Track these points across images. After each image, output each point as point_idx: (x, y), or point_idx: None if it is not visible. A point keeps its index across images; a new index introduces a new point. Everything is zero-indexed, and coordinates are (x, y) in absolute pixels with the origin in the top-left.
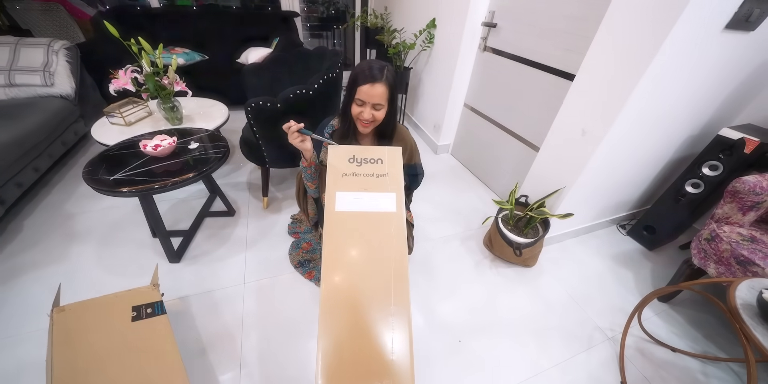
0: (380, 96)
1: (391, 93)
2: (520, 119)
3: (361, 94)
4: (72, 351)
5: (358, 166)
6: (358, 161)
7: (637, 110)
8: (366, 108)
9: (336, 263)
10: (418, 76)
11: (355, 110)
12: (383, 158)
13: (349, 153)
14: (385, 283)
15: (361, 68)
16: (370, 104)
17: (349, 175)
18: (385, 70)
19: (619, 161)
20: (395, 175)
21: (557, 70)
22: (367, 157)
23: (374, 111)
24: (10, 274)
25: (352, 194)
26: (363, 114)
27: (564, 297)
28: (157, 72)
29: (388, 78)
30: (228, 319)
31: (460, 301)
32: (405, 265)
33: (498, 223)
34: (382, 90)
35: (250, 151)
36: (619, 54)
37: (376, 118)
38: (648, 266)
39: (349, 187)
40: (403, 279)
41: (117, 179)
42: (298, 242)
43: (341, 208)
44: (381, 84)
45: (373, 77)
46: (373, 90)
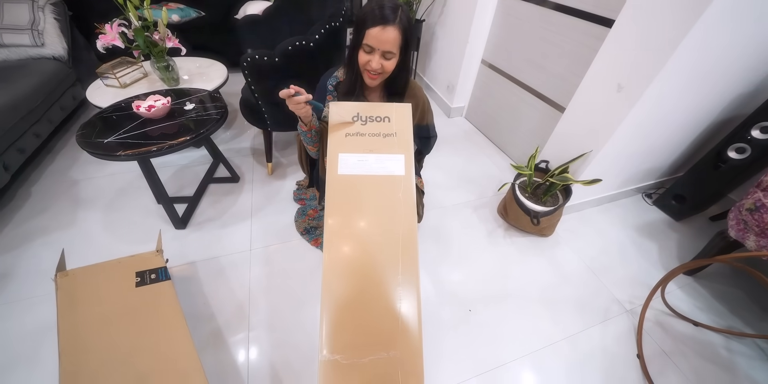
0: (392, 42)
1: (405, 39)
2: (544, 76)
3: (370, 38)
4: (77, 315)
5: (362, 125)
6: (363, 119)
7: (685, 61)
8: (375, 56)
9: (339, 231)
10: (431, 29)
11: (362, 58)
12: (390, 116)
13: (353, 110)
14: (392, 252)
15: (370, 8)
16: (380, 52)
17: (353, 134)
18: (399, 10)
19: (657, 122)
20: (404, 135)
21: (593, 15)
22: (372, 115)
23: (384, 60)
24: (21, 240)
25: (356, 156)
26: (371, 63)
27: (581, 268)
28: (146, 26)
29: (402, 20)
30: (235, 285)
31: (471, 270)
32: (414, 233)
33: (515, 189)
34: (394, 35)
35: (250, 113)
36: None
37: (385, 68)
38: (674, 238)
39: (353, 148)
40: (412, 248)
41: (111, 142)
42: (303, 209)
43: (344, 171)
44: (393, 27)
45: (384, 19)
46: (385, 34)
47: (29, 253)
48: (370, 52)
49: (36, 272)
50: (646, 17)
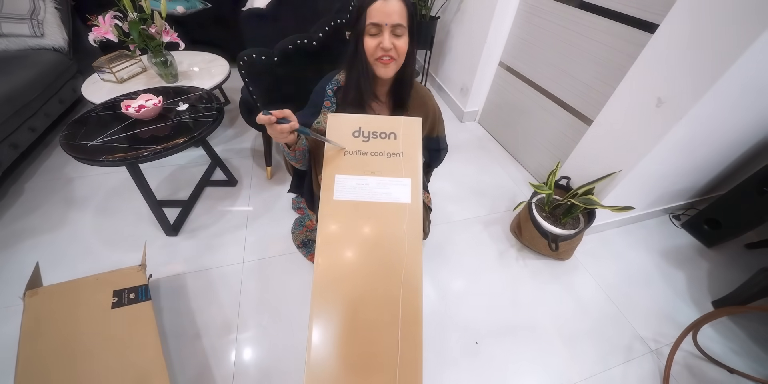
0: (399, 12)
1: (410, 14)
2: (570, 83)
3: (374, 14)
4: (39, 343)
5: (364, 142)
6: (365, 135)
7: (741, 76)
8: (384, 34)
9: (331, 270)
10: (446, 27)
11: (370, 44)
12: (397, 132)
13: (353, 124)
14: (392, 296)
15: None
16: (389, 27)
17: (353, 153)
18: None
19: (701, 141)
20: (412, 155)
21: (632, 17)
22: (376, 131)
23: (394, 39)
24: (10, 240)
25: (355, 178)
26: (382, 43)
27: (601, 298)
28: (144, 18)
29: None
30: (224, 301)
31: (479, 295)
32: (419, 274)
33: (531, 208)
34: (399, 6)
35: (249, 115)
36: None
37: (398, 49)
38: (704, 267)
39: (353, 169)
40: (416, 292)
41: (96, 145)
42: (302, 219)
43: (341, 196)
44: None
45: None
46: (388, 5)
47: (16, 257)
48: (377, 33)
49: (19, 278)
50: (699, 24)
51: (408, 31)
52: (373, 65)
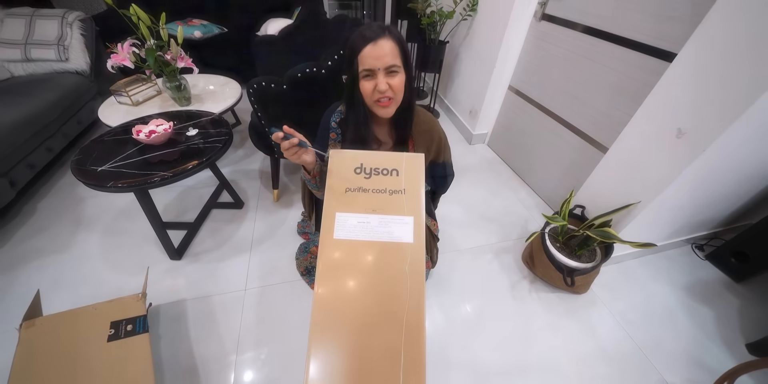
0: (390, 54)
1: (404, 52)
2: (581, 109)
3: (365, 59)
4: (30, 378)
5: (366, 179)
6: (367, 172)
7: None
8: (379, 77)
9: (328, 314)
10: (455, 51)
11: (366, 88)
12: (399, 168)
13: (355, 160)
14: (393, 345)
15: (356, 34)
16: (383, 69)
17: (354, 190)
18: (386, 27)
19: (725, 172)
20: (414, 192)
21: (648, 46)
22: (378, 167)
23: (389, 78)
24: (17, 261)
25: (356, 216)
26: (378, 86)
27: (622, 337)
28: (161, 45)
29: (392, 33)
30: (224, 331)
31: (489, 330)
32: (422, 317)
33: (544, 238)
34: (389, 46)
35: (258, 139)
36: (760, 24)
37: (394, 88)
38: (735, 304)
39: (354, 206)
40: (418, 340)
41: (105, 171)
42: (306, 245)
43: (341, 235)
44: (386, 39)
45: (374, 35)
46: (378, 48)
47: (21, 278)
48: (371, 75)
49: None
50: (720, 53)
51: (403, 68)
52: (372, 107)
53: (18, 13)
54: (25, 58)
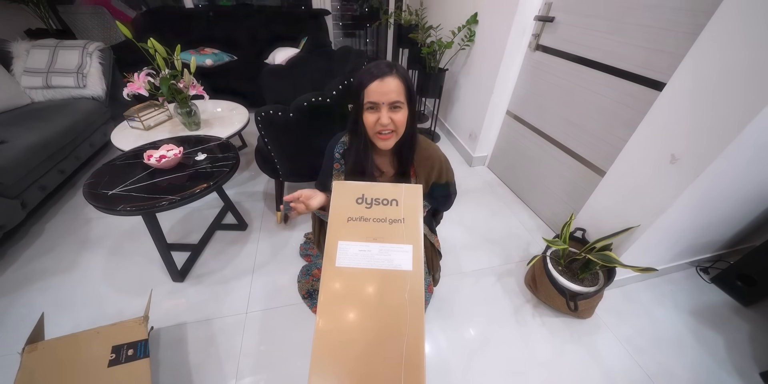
0: (395, 91)
1: (409, 90)
2: (578, 134)
3: (371, 94)
4: None
5: (367, 209)
6: (368, 202)
7: (763, 134)
8: (382, 111)
9: (329, 343)
10: (454, 78)
11: (370, 120)
12: (399, 199)
13: (357, 191)
14: (392, 374)
15: (364, 70)
16: (386, 104)
17: (356, 219)
18: (394, 65)
19: (719, 197)
20: (413, 222)
21: (637, 75)
22: (379, 197)
23: (392, 113)
24: (21, 282)
25: (357, 245)
26: (380, 120)
27: (630, 365)
28: (174, 75)
29: (399, 71)
30: (224, 356)
31: (492, 357)
32: (421, 345)
33: (546, 262)
34: (395, 83)
35: (264, 162)
36: (745, 57)
37: (396, 123)
38: (744, 329)
39: (355, 235)
40: (417, 365)
41: (116, 194)
42: (309, 267)
43: (343, 262)
44: (392, 77)
45: (381, 73)
46: (384, 85)
47: (24, 300)
48: (376, 108)
49: (25, 323)
50: (708, 83)
51: (407, 104)
52: (373, 138)
53: (43, 45)
54: (46, 85)
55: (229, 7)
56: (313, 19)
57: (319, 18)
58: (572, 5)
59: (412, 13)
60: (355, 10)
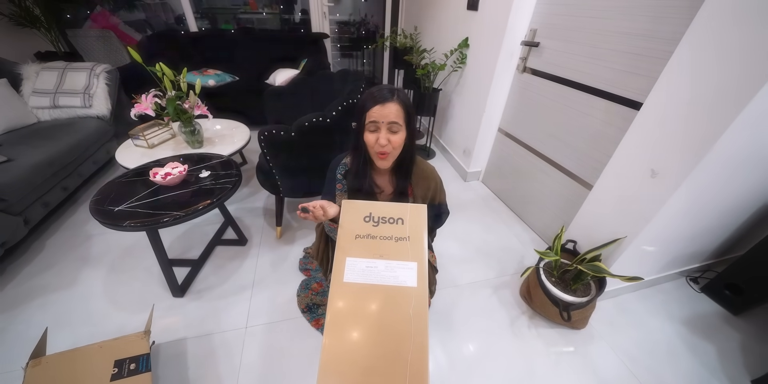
0: (395, 114)
1: (408, 114)
2: (565, 150)
3: (372, 115)
4: None
5: (374, 227)
6: (375, 220)
7: (732, 150)
8: (381, 131)
9: (337, 355)
10: (448, 97)
11: (370, 139)
12: (404, 218)
13: (364, 210)
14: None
15: (368, 93)
16: (385, 125)
17: (363, 237)
18: (396, 91)
19: (701, 208)
20: (418, 240)
21: (614, 95)
22: (385, 216)
23: (390, 134)
24: (21, 299)
25: (364, 261)
26: (379, 140)
27: (623, 374)
28: (180, 96)
29: (400, 97)
30: (223, 371)
31: (490, 368)
32: (425, 360)
33: (539, 273)
34: (395, 108)
35: (265, 179)
36: (710, 78)
37: (393, 144)
38: (735, 338)
39: (362, 252)
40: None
41: (121, 211)
42: (308, 282)
43: (350, 278)
44: (393, 103)
45: (383, 98)
46: (386, 109)
47: (23, 316)
48: (375, 130)
49: (23, 340)
50: (680, 104)
51: (405, 127)
52: (373, 156)
53: (53, 67)
54: (53, 105)
55: (233, 31)
56: (313, 43)
57: (318, 41)
58: (554, 32)
59: (406, 36)
60: (352, 33)
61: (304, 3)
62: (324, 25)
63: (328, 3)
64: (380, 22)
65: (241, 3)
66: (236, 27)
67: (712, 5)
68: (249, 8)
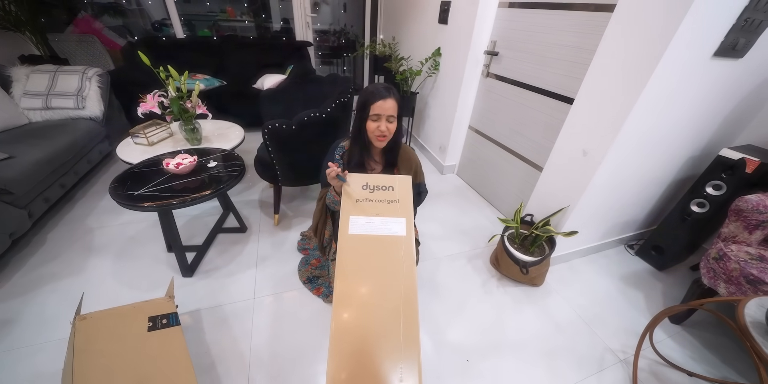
0: (392, 108)
1: (399, 108)
2: (523, 141)
3: (376, 109)
4: (92, 358)
5: (370, 193)
6: (371, 188)
7: (635, 132)
8: (381, 121)
9: (347, 284)
10: (424, 100)
11: (372, 126)
12: (394, 186)
13: (362, 180)
14: (394, 305)
15: (370, 90)
16: (385, 117)
17: (362, 200)
18: (391, 89)
19: (622, 181)
20: (405, 202)
21: (557, 94)
22: (379, 185)
23: (388, 123)
24: (31, 286)
25: (364, 218)
26: (380, 127)
27: (573, 317)
28: (181, 96)
29: (394, 94)
30: (237, 334)
31: (467, 320)
32: (414, 288)
33: (504, 241)
34: (392, 103)
35: (263, 170)
36: (615, 79)
37: (390, 130)
38: (658, 287)
39: (362, 212)
40: (412, 302)
41: (141, 195)
42: (307, 259)
43: (354, 231)
44: (391, 99)
45: (384, 94)
46: (386, 104)
47: (37, 300)
48: (377, 120)
49: (39, 319)
50: (597, 98)
51: (396, 117)
52: (373, 139)
53: (43, 70)
54: (45, 106)
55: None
56: (297, 50)
57: (302, 49)
58: (510, 43)
59: (386, 45)
60: (333, 42)
61: (284, 12)
62: (308, 34)
63: (311, 14)
64: (359, 31)
65: (218, 10)
66: (215, 34)
67: (613, 26)
68: (227, 16)
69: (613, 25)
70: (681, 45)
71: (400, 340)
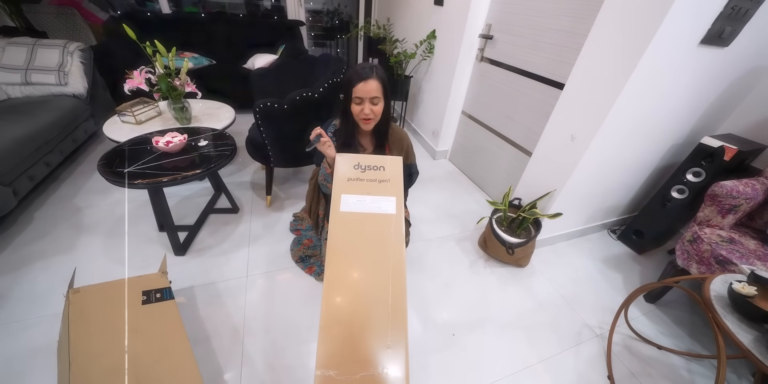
0: (375, 90)
1: (384, 87)
2: (514, 126)
3: (358, 92)
4: (87, 329)
5: (362, 173)
6: (362, 168)
7: (621, 118)
8: (365, 104)
9: (338, 258)
10: (418, 84)
11: (356, 109)
12: (385, 165)
13: (354, 160)
14: (383, 278)
15: (353, 71)
16: (368, 99)
17: (354, 179)
18: (375, 68)
19: (607, 166)
20: (396, 182)
21: (549, 79)
22: (370, 164)
23: (372, 106)
24: (20, 263)
25: (355, 197)
26: (363, 111)
27: (555, 296)
28: (169, 74)
29: (378, 74)
30: (231, 309)
31: (455, 297)
32: (402, 264)
33: (492, 223)
34: (375, 84)
35: (255, 151)
36: (604, 65)
37: (375, 112)
38: (637, 269)
39: (354, 190)
40: (401, 276)
41: (130, 172)
42: (299, 239)
43: (345, 209)
44: (373, 79)
45: (365, 75)
46: (368, 85)
47: (27, 277)
48: (360, 102)
49: (31, 296)
50: (587, 83)
51: (383, 98)
52: (359, 121)
53: (19, 42)
54: (24, 81)
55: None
56: (289, 30)
57: (294, 29)
58: (505, 27)
59: (380, 27)
60: (326, 23)
61: None
62: (300, 13)
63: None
64: (354, 12)
65: None
66: (203, 10)
67: (605, 11)
68: None
69: (605, 10)
70: (669, 32)
71: (388, 310)
